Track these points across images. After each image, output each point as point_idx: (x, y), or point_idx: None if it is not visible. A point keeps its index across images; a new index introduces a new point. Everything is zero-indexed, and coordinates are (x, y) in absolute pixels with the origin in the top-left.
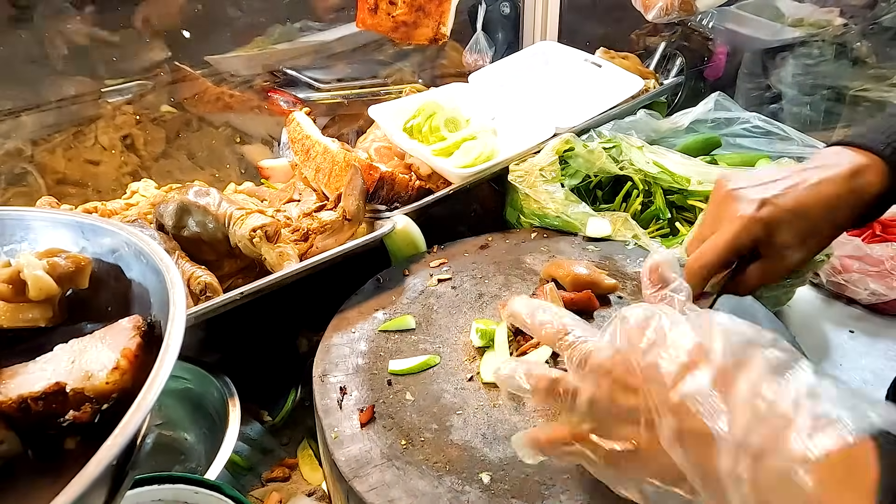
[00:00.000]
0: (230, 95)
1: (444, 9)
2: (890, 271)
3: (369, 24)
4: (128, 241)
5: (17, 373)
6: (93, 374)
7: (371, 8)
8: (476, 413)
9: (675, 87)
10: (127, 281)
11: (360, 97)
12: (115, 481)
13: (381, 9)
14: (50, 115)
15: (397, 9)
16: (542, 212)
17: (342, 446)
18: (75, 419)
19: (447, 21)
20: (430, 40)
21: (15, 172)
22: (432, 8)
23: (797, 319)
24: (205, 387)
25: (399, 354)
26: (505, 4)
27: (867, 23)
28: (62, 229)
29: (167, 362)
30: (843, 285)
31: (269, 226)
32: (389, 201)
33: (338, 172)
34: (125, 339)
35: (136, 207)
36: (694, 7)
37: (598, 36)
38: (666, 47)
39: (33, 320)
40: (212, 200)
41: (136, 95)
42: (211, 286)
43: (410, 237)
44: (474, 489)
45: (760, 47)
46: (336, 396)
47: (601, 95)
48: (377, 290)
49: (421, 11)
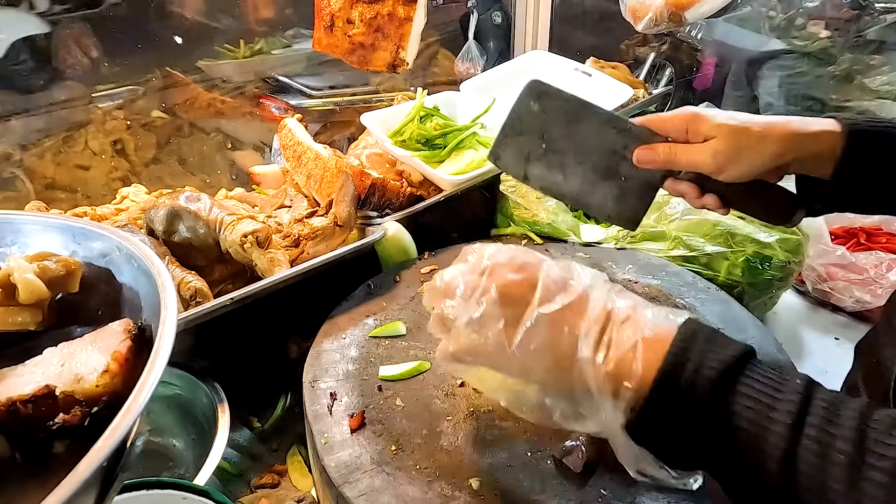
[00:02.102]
0: (222, 101)
1: (404, 31)
2: (874, 279)
3: (325, 46)
4: (119, 244)
5: (5, 376)
6: (83, 378)
7: (327, 26)
8: (466, 419)
9: (664, 97)
10: (118, 285)
11: (351, 104)
12: (105, 484)
13: (336, 27)
14: (39, 120)
15: (354, 27)
16: (533, 219)
17: (332, 452)
18: (65, 422)
19: (406, 45)
20: (389, 66)
21: (3, 177)
22: (391, 30)
23: (783, 326)
24: (194, 393)
25: (389, 360)
26: (496, 14)
27: (852, 35)
28: (53, 233)
29: (158, 364)
30: (829, 293)
31: (260, 231)
32: (381, 208)
33: (329, 179)
34: (115, 343)
35: (126, 213)
36: (683, 18)
37: (588, 46)
38: (655, 58)
39: (23, 324)
40: (203, 206)
41: (126, 101)
42: (201, 291)
43: (401, 243)
44: (464, 494)
45: (747, 58)
46: (326, 402)
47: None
48: (368, 296)
49: (379, 33)
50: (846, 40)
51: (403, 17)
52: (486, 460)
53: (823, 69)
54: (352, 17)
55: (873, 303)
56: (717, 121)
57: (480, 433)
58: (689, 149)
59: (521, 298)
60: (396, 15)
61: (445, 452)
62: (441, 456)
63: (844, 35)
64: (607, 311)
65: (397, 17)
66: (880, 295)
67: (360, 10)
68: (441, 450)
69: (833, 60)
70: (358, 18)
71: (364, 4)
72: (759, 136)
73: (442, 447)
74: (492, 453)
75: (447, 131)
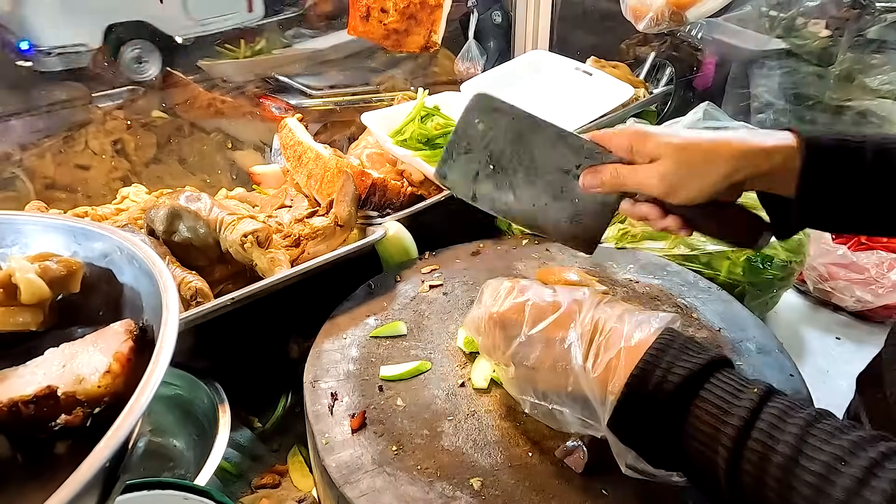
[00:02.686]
0: (222, 101)
1: (436, 17)
2: (875, 279)
3: (361, 32)
4: (120, 245)
5: (6, 376)
6: (84, 378)
7: (363, 15)
8: (467, 419)
9: (665, 97)
10: (119, 285)
11: (352, 104)
12: (107, 485)
13: (372, 16)
14: (40, 120)
15: (388, 16)
16: None
17: (333, 452)
18: (67, 423)
19: (438, 29)
20: (422, 48)
21: (3, 177)
22: (424, 16)
23: (784, 326)
24: (194, 393)
25: (390, 360)
26: (497, 13)
27: (852, 35)
28: (54, 233)
29: (161, 364)
30: (830, 293)
31: (260, 231)
32: (381, 207)
33: (329, 178)
34: (117, 343)
35: (126, 213)
36: (684, 18)
37: (588, 45)
38: (656, 57)
39: (24, 324)
40: (203, 206)
41: (127, 101)
42: (202, 291)
43: (402, 243)
44: (465, 495)
45: (748, 58)
46: (327, 402)
47: (592, 103)
48: (369, 295)
49: (412, 20)
50: (847, 39)
51: (435, 5)
52: (487, 460)
53: (824, 68)
54: (386, 6)
55: (874, 302)
56: (662, 140)
57: (481, 433)
58: (636, 170)
59: (515, 322)
60: (428, 3)
61: (446, 452)
62: (442, 456)
63: (845, 34)
64: (594, 321)
65: (429, 4)
66: (881, 294)
67: (393, 1)
68: (442, 450)
69: (833, 60)
70: (392, 8)
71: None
72: (706, 156)
73: (443, 447)
74: (493, 453)
75: (448, 131)
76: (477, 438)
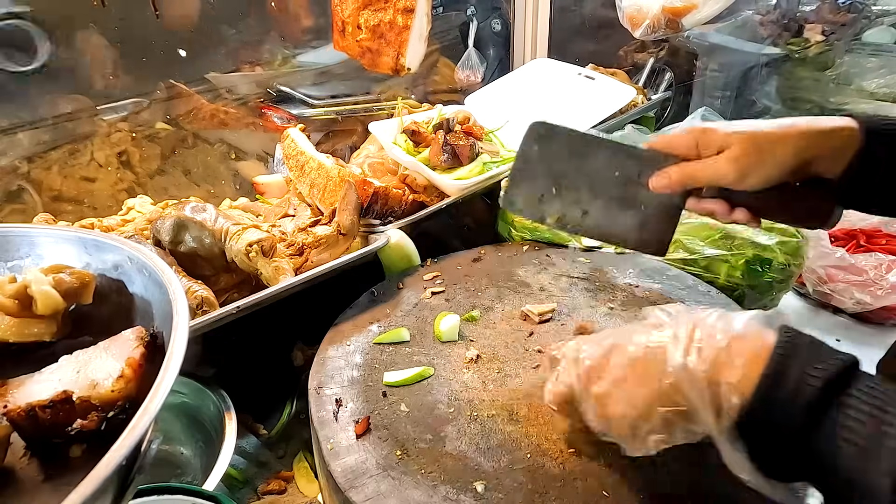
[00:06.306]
0: (225, 112)
1: (403, 39)
2: (874, 281)
3: (341, 46)
4: (131, 255)
5: (23, 383)
6: (98, 383)
7: (340, 30)
8: (470, 423)
9: (664, 102)
10: (129, 295)
11: (353, 113)
12: (121, 487)
13: (347, 32)
14: (45, 133)
15: (362, 33)
16: (534, 226)
17: (338, 457)
18: (82, 427)
19: (405, 52)
20: (392, 70)
21: (10, 189)
22: (392, 36)
23: None
24: (201, 400)
25: (394, 366)
26: (496, 22)
27: (848, 39)
28: (66, 245)
29: (172, 368)
30: (830, 295)
31: (264, 241)
32: (383, 216)
33: (332, 188)
34: (129, 349)
35: (132, 224)
36: (680, 25)
37: (587, 52)
38: (654, 63)
39: (38, 335)
40: (208, 216)
41: (131, 113)
42: (207, 300)
43: (404, 251)
44: (469, 498)
45: (745, 62)
46: (331, 408)
47: (597, 106)
48: (371, 303)
49: (382, 39)
50: (843, 44)
51: (402, 26)
52: (491, 464)
53: (821, 73)
54: (359, 23)
55: (874, 304)
56: (729, 130)
57: (484, 437)
58: (706, 163)
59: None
60: (396, 23)
61: (450, 457)
62: (446, 460)
63: (841, 39)
64: (693, 320)
65: (397, 25)
66: (880, 296)
67: (365, 18)
68: (445, 454)
69: (830, 64)
70: (364, 25)
71: (369, 12)
72: (775, 138)
73: (446, 451)
74: (496, 457)
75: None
76: (480, 442)
